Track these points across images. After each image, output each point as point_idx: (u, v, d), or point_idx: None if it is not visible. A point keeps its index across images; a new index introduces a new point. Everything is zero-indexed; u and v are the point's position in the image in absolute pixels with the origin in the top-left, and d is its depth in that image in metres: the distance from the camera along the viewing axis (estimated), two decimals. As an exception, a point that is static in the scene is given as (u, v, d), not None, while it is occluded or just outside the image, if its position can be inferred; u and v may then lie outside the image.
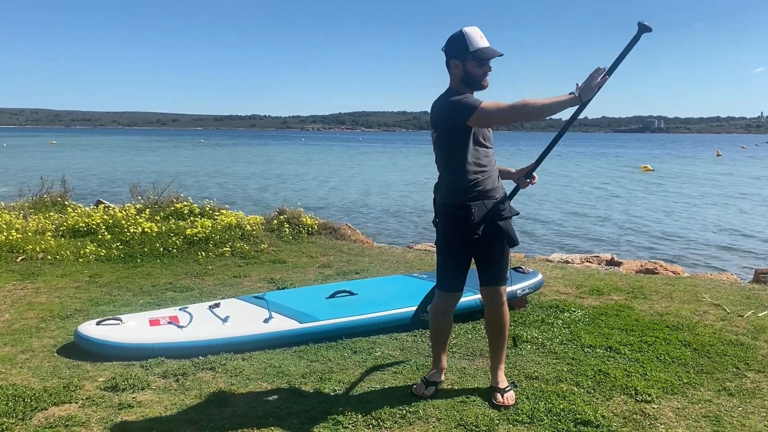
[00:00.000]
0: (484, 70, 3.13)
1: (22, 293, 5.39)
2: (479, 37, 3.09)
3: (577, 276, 6.27)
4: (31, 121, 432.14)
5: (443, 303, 3.35)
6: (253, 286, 5.81)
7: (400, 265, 6.84)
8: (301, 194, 20.79)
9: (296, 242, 7.98)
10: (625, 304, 5.15)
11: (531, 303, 5.07)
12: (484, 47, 3.10)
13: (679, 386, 3.46)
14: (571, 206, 18.30)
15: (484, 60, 3.10)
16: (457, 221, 3.11)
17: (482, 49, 3.09)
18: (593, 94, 2.96)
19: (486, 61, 3.11)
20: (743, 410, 3.19)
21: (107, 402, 3.20)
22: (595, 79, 2.94)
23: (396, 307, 4.45)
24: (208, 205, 9.07)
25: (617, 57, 3.03)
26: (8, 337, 4.19)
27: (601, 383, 3.48)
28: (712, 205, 19.19)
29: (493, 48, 3.12)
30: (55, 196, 9.76)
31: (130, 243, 7.23)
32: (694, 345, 4.11)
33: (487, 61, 3.11)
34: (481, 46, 3.09)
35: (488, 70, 3.14)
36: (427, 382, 3.36)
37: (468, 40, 3.08)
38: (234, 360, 3.79)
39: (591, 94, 2.95)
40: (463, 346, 4.14)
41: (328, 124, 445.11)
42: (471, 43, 3.07)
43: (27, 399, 3.16)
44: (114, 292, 5.47)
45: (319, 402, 3.24)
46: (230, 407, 3.19)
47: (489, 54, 3.10)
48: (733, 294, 5.53)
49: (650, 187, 25.30)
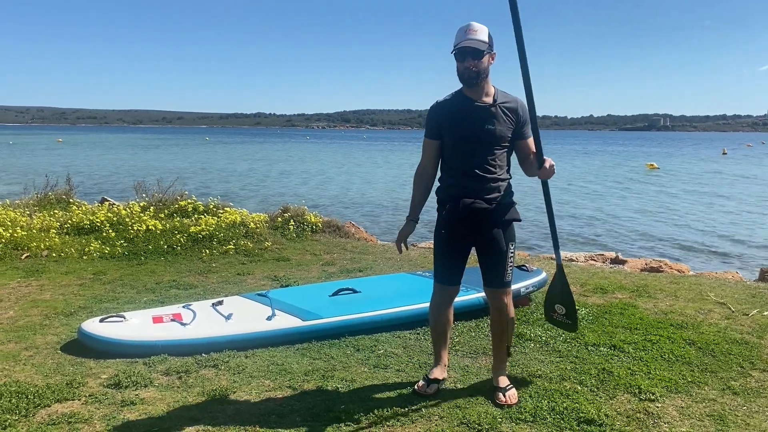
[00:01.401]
0: (465, 65, 3.04)
1: (26, 290, 5.41)
2: (465, 30, 3.03)
3: (582, 274, 6.25)
4: (37, 119, 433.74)
5: (439, 296, 3.36)
6: (256, 283, 5.81)
7: (404, 263, 6.83)
8: (305, 192, 20.80)
9: (300, 240, 7.98)
10: (630, 302, 5.13)
11: (535, 301, 5.05)
12: (462, 40, 3.02)
13: (683, 385, 3.44)
14: (576, 204, 18.26)
15: (461, 54, 3.03)
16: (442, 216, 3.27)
17: (459, 43, 3.03)
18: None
19: (464, 55, 3.02)
20: (748, 409, 3.17)
21: (110, 399, 3.20)
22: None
23: (399, 305, 4.45)
24: (212, 202, 9.08)
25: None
26: (12, 334, 4.20)
27: (604, 382, 3.47)
28: (717, 203, 19.10)
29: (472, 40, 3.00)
30: (59, 194, 9.79)
31: (134, 240, 7.25)
32: (699, 344, 4.09)
33: (459, 52, 3.03)
34: (462, 38, 3.02)
35: (469, 65, 3.03)
36: (430, 380, 3.36)
37: (456, 35, 3.06)
38: (237, 357, 3.80)
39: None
40: (466, 344, 4.13)
41: (333, 122, 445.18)
42: (455, 39, 3.05)
43: (30, 396, 3.17)
44: (118, 290, 5.48)
45: (322, 400, 3.23)
46: (233, 404, 3.19)
47: (462, 45, 3.00)
48: (739, 292, 5.50)
49: (655, 185, 25.21)
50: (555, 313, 3.63)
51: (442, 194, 3.26)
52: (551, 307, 3.67)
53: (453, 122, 3.13)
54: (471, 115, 3.11)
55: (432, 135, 3.22)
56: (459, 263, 3.28)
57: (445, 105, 3.19)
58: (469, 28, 3.04)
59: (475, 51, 3.01)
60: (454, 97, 3.19)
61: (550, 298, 3.70)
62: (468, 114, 3.11)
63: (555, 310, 3.63)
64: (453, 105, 3.16)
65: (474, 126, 3.10)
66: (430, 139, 3.24)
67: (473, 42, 3.01)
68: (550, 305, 3.68)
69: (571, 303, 3.57)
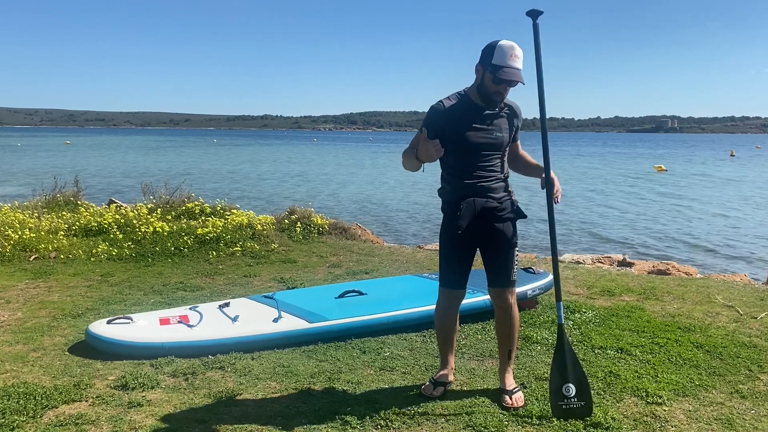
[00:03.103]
0: (499, 89, 3.03)
1: (34, 292, 5.44)
2: (511, 55, 2.95)
3: (589, 277, 6.23)
4: (45, 122, 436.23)
5: (446, 300, 3.35)
6: (263, 285, 5.82)
7: (410, 265, 6.83)
8: (312, 194, 20.82)
9: (306, 242, 8.00)
10: (637, 305, 5.11)
11: (541, 304, 5.04)
12: (507, 66, 2.95)
13: (691, 388, 3.42)
14: (583, 206, 18.21)
15: (501, 79, 2.97)
16: (450, 218, 3.20)
17: (504, 68, 2.96)
18: (430, 159, 3.09)
19: (502, 81, 2.98)
20: (756, 413, 3.15)
21: (117, 400, 3.21)
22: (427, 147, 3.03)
23: (405, 307, 4.44)
24: (219, 204, 9.11)
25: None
26: (20, 335, 4.23)
27: (611, 385, 3.45)
28: (725, 205, 19.00)
29: (518, 72, 2.96)
30: (67, 196, 9.85)
31: (142, 242, 7.27)
32: (707, 347, 4.06)
33: (503, 81, 2.98)
34: (507, 63, 2.95)
35: (503, 91, 3.04)
36: (436, 382, 3.35)
37: (496, 51, 2.97)
38: (243, 359, 3.80)
39: (427, 159, 3.08)
40: (472, 347, 4.12)
41: (340, 124, 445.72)
42: (497, 55, 2.96)
43: (38, 397, 3.18)
44: (125, 291, 5.50)
45: (328, 402, 3.24)
46: (239, 406, 3.19)
47: (508, 75, 2.96)
48: (747, 295, 5.47)
49: (663, 187, 25.09)
50: (563, 401, 2.97)
51: (449, 196, 3.22)
52: (558, 393, 2.99)
53: (464, 130, 3.08)
54: (482, 124, 3.10)
55: (429, 136, 3.07)
56: (466, 267, 3.28)
57: (452, 112, 3.10)
58: (514, 53, 2.96)
59: (515, 83, 3.02)
60: (461, 102, 3.13)
61: (556, 380, 3.01)
62: (479, 122, 3.10)
63: (563, 395, 2.97)
64: (461, 113, 3.10)
65: (486, 135, 3.10)
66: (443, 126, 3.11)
67: (519, 75, 2.99)
68: (556, 391, 3.00)
69: (581, 375, 3.02)
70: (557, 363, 3.05)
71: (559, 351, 3.09)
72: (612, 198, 20.86)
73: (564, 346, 3.08)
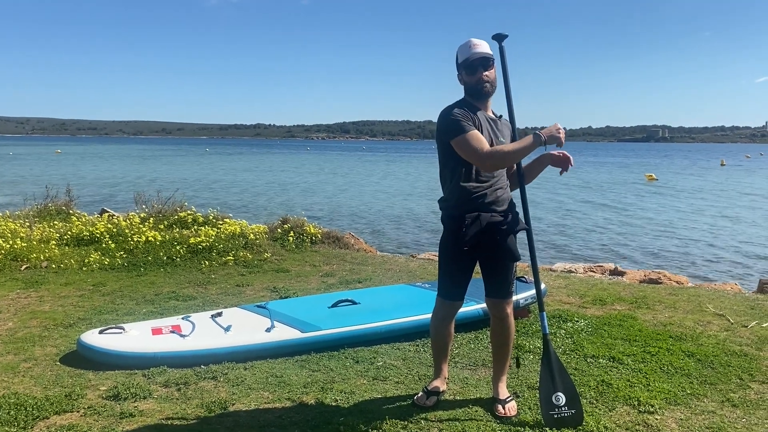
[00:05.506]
0: (478, 77, 3.07)
1: (25, 301, 5.41)
2: (470, 46, 3.08)
3: (581, 286, 6.25)
4: (37, 130, 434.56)
5: (443, 311, 3.34)
6: (255, 295, 5.81)
7: (403, 274, 6.84)
8: (305, 203, 20.82)
9: (299, 251, 7.99)
10: (629, 314, 5.13)
11: (534, 313, 5.05)
12: (470, 54, 3.06)
13: (683, 397, 3.44)
14: (575, 215, 18.28)
15: (472, 64, 3.06)
16: (453, 231, 3.12)
17: (469, 57, 3.07)
18: (554, 143, 3.03)
19: (474, 64, 3.06)
20: (747, 422, 3.17)
21: (109, 411, 3.20)
22: (556, 131, 3.01)
23: (399, 316, 4.45)
24: (211, 213, 9.10)
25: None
26: (11, 346, 4.20)
27: (603, 394, 3.46)
28: (716, 214, 19.13)
29: (483, 53, 3.06)
30: (59, 205, 9.81)
31: (134, 252, 7.25)
32: (698, 355, 4.09)
33: (474, 64, 3.06)
34: (470, 53, 3.06)
35: (483, 76, 3.06)
36: (429, 392, 3.35)
37: (459, 53, 3.12)
38: (236, 369, 3.79)
39: (554, 142, 3.03)
40: (465, 356, 4.12)
41: (333, 133, 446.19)
42: (460, 55, 3.11)
43: (29, 408, 3.16)
44: (117, 301, 5.48)
45: (321, 412, 3.23)
46: (232, 416, 3.18)
47: (475, 56, 3.05)
48: (737, 304, 5.50)
49: (654, 197, 25.25)
50: (555, 410, 3.03)
51: (454, 211, 3.13)
52: (548, 403, 3.05)
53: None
54: (490, 130, 3.11)
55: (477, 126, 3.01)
56: (466, 279, 3.24)
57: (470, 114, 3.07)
58: (471, 43, 3.09)
59: (484, 59, 3.06)
60: (468, 108, 3.10)
61: (545, 390, 3.09)
62: (488, 128, 3.10)
63: (553, 404, 3.04)
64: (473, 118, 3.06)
65: (493, 141, 3.08)
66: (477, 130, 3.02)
67: (485, 53, 3.07)
68: (546, 400, 3.06)
69: (570, 384, 3.10)
70: (544, 373, 3.13)
71: (546, 361, 3.15)
72: (603, 207, 20.95)
73: (550, 356, 3.15)
